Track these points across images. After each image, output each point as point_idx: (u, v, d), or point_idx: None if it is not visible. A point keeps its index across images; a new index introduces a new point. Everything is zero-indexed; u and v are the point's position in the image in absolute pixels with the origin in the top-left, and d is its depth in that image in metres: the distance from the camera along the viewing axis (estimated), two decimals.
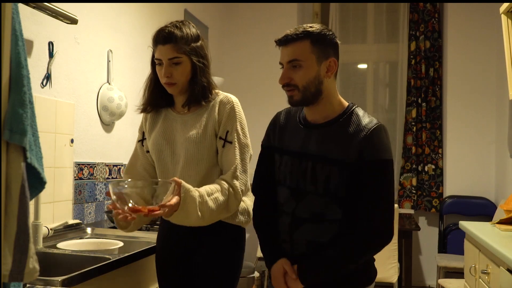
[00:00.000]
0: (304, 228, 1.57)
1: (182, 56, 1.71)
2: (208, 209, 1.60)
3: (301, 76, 1.54)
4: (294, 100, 1.57)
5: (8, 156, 0.92)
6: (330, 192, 1.53)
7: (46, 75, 2.20)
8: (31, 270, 0.95)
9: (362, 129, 1.53)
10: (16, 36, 0.94)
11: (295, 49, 1.55)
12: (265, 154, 1.74)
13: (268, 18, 4.73)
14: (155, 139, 1.82)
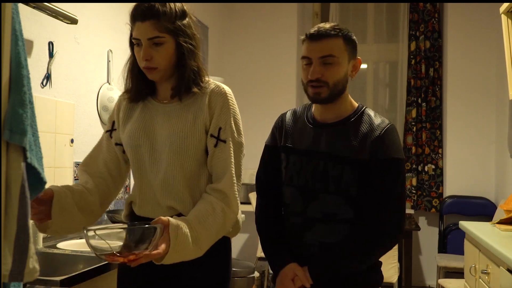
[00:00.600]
0: (316, 228, 1.56)
1: (165, 36, 1.45)
2: (205, 238, 1.38)
3: (333, 72, 1.53)
4: (321, 97, 1.54)
5: (8, 156, 0.92)
6: (342, 191, 1.54)
7: (46, 75, 2.20)
8: (31, 270, 0.95)
9: (375, 128, 1.54)
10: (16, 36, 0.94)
11: (331, 45, 1.52)
12: (271, 154, 1.70)
13: (268, 18, 4.73)
14: (131, 132, 1.54)
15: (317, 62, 1.52)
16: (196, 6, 4.00)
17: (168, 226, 1.28)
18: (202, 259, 1.40)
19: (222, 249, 1.54)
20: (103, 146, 1.62)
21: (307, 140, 1.61)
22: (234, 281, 3.32)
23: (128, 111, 1.59)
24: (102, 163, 1.58)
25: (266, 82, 4.72)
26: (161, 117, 1.52)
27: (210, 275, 1.52)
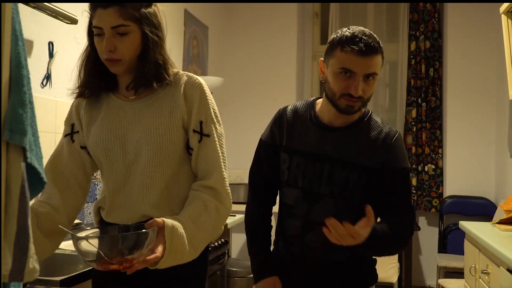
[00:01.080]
0: (317, 231, 1.51)
1: (130, 24, 1.32)
2: (200, 239, 1.30)
3: (371, 89, 1.53)
4: (354, 110, 1.50)
5: (8, 156, 0.92)
6: (346, 196, 1.53)
7: (46, 75, 2.20)
8: (31, 270, 0.95)
9: (385, 136, 1.54)
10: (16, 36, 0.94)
11: (376, 62, 1.49)
12: (268, 151, 1.65)
13: (268, 18, 4.73)
14: (98, 136, 1.41)
15: (361, 78, 1.47)
16: (196, 6, 4.01)
17: (163, 227, 1.21)
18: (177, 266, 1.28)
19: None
20: (64, 153, 1.47)
21: (311, 141, 1.57)
22: (234, 281, 3.32)
23: (90, 112, 1.45)
24: (68, 172, 1.43)
25: (266, 82, 4.72)
26: (130, 116, 1.40)
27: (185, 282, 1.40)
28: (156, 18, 1.38)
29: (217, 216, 1.33)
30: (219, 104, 4.62)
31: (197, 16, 4.01)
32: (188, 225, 1.27)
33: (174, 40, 3.61)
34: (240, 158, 4.44)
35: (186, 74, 1.44)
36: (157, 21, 1.38)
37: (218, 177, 1.36)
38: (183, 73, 1.44)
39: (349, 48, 1.45)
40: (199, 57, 4.08)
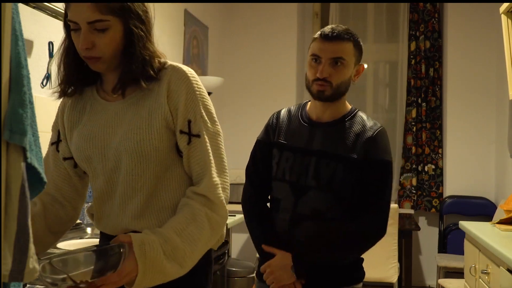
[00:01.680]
0: (304, 226, 1.61)
1: (110, 19, 1.16)
2: (188, 252, 1.16)
3: (340, 74, 1.60)
4: (324, 95, 1.61)
5: (8, 156, 0.92)
6: (333, 189, 1.59)
7: (46, 75, 2.20)
8: (31, 270, 0.95)
9: (368, 130, 1.62)
10: (16, 36, 0.94)
11: (342, 48, 1.59)
12: (263, 150, 1.74)
13: (268, 18, 4.73)
14: (78, 143, 1.28)
15: (327, 62, 1.58)
16: (196, 6, 4.01)
17: (131, 244, 1.10)
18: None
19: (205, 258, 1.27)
20: (49, 162, 1.36)
21: (301, 138, 1.66)
22: (234, 281, 3.32)
23: (73, 115, 1.32)
24: (52, 184, 1.32)
25: (266, 82, 4.72)
26: (111, 119, 1.26)
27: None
28: (141, 6, 1.22)
29: (208, 226, 1.18)
30: (219, 104, 4.64)
31: (197, 16, 4.01)
32: (169, 238, 1.14)
33: (174, 40, 3.61)
34: (240, 158, 4.43)
35: (172, 66, 1.25)
36: (142, 9, 1.22)
37: (207, 184, 1.20)
38: (169, 64, 1.26)
39: (317, 36, 1.61)
40: (199, 57, 4.08)
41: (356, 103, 4.91)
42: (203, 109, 1.24)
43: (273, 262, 1.62)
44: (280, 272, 1.60)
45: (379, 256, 3.37)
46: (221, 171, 1.24)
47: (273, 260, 1.62)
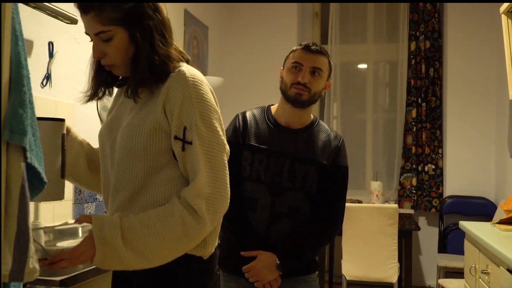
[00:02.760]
0: (282, 221, 1.77)
1: (111, 29, 1.22)
2: (152, 245, 1.15)
3: (318, 83, 1.79)
4: (301, 98, 1.77)
5: (8, 156, 0.92)
6: (305, 188, 1.79)
7: (46, 75, 2.20)
8: (31, 270, 0.95)
9: (333, 139, 1.86)
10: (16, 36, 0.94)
11: (322, 60, 1.79)
12: (232, 150, 1.74)
13: (268, 18, 4.73)
14: (100, 130, 1.40)
15: (308, 70, 1.77)
16: (196, 6, 4.01)
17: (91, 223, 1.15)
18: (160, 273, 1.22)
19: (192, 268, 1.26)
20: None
21: (272, 141, 1.81)
22: None
23: (113, 104, 1.47)
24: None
25: (266, 82, 4.71)
26: (126, 114, 1.33)
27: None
28: (147, 9, 1.24)
29: (181, 228, 1.16)
30: (219, 104, 4.62)
31: (197, 16, 4.01)
32: (133, 227, 1.15)
33: (174, 40, 3.60)
34: None
35: (178, 71, 1.25)
36: (150, 13, 1.24)
37: (191, 190, 1.19)
38: (178, 69, 1.27)
39: (298, 47, 1.83)
40: (199, 57, 4.08)
41: (356, 103, 4.92)
42: (200, 117, 1.21)
43: (257, 263, 1.73)
44: (265, 271, 1.73)
45: (379, 256, 3.38)
46: (212, 181, 1.20)
47: (256, 261, 1.74)
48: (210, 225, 1.20)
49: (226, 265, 1.85)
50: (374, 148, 4.81)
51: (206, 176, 1.20)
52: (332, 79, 4.77)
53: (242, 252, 1.76)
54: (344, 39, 4.85)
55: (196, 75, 1.25)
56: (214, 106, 1.25)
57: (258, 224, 1.78)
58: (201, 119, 1.22)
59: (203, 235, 1.22)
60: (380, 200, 4.32)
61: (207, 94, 1.25)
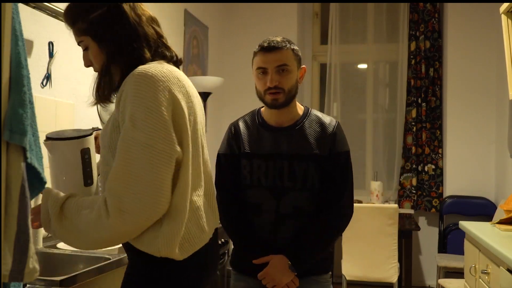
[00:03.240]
0: (287, 223, 1.74)
1: (84, 39, 1.29)
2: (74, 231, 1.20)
3: (288, 79, 1.72)
4: (278, 102, 1.72)
5: (8, 156, 0.92)
6: (307, 186, 1.74)
7: (46, 75, 2.20)
8: (31, 270, 0.95)
9: (327, 126, 1.78)
10: (16, 36, 0.94)
11: (284, 55, 1.72)
12: (228, 161, 1.81)
13: (268, 18, 4.73)
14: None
15: (273, 71, 1.71)
16: (196, 6, 4.01)
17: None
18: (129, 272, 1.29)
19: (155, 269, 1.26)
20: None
21: (267, 144, 1.78)
22: None
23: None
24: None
25: None
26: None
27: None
28: (112, 17, 1.27)
29: (95, 220, 1.18)
30: (219, 104, 4.64)
31: (197, 16, 4.01)
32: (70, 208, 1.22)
33: (174, 40, 3.61)
34: None
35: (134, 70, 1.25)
36: (117, 20, 1.27)
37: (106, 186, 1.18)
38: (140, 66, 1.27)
39: (257, 50, 1.75)
40: (199, 57, 4.08)
41: (356, 103, 4.92)
42: (129, 114, 1.18)
43: (270, 268, 1.70)
44: (279, 275, 1.69)
45: (379, 256, 3.38)
46: (123, 179, 1.16)
47: (269, 266, 1.71)
48: (120, 223, 1.15)
49: (236, 264, 1.87)
50: (374, 148, 4.81)
51: (117, 173, 1.16)
52: (332, 79, 4.77)
53: (254, 261, 1.73)
54: (344, 39, 4.85)
55: (144, 72, 1.21)
56: (149, 104, 1.18)
57: (264, 228, 1.76)
58: (129, 116, 1.18)
59: (116, 232, 1.17)
60: (380, 200, 4.32)
61: (147, 91, 1.19)
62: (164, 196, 1.17)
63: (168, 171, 1.18)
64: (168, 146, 1.18)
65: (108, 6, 1.27)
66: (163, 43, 1.36)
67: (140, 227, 1.19)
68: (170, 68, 1.28)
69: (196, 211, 1.30)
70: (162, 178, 1.16)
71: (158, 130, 1.17)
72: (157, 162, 1.16)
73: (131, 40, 1.28)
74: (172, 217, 1.22)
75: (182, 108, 1.24)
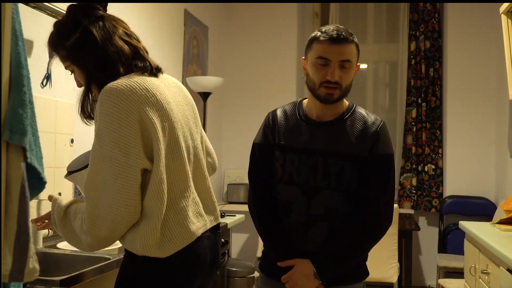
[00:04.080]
0: (318, 225, 1.62)
1: (67, 64, 1.41)
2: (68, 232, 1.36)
3: (348, 76, 1.63)
4: (333, 98, 1.62)
5: (8, 156, 0.92)
6: (343, 186, 1.61)
7: (46, 75, 2.20)
8: (31, 270, 0.95)
9: (371, 125, 1.64)
10: (16, 36, 0.94)
11: (349, 50, 1.60)
12: (263, 152, 1.72)
13: (268, 18, 4.73)
14: None
15: (336, 65, 1.58)
16: (196, 6, 4.01)
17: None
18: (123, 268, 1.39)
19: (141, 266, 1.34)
20: None
21: (303, 138, 1.66)
22: (234, 281, 3.32)
23: None
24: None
25: (266, 82, 4.72)
26: None
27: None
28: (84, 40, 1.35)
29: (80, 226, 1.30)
30: (219, 104, 4.64)
31: (197, 16, 4.01)
32: (70, 212, 1.35)
33: (174, 40, 3.61)
34: (239, 158, 4.44)
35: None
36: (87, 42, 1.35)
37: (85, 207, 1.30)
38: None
39: (322, 38, 1.59)
40: (199, 57, 4.08)
41: (356, 103, 4.89)
42: (97, 129, 1.28)
43: (294, 272, 1.61)
44: (303, 280, 1.59)
45: (379, 256, 3.37)
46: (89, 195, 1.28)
47: (293, 270, 1.61)
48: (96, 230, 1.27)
49: (264, 267, 1.76)
50: None
51: (88, 183, 1.28)
52: None
53: (279, 263, 1.64)
54: None
55: (109, 88, 1.28)
56: (111, 119, 1.25)
57: (293, 230, 1.65)
58: (96, 131, 1.28)
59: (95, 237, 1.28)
60: None
61: (110, 107, 1.26)
62: (131, 202, 1.26)
63: (131, 180, 1.25)
64: (129, 158, 1.25)
65: (80, 31, 1.35)
66: (139, 55, 1.41)
67: (115, 231, 1.28)
68: (139, 80, 1.33)
69: (180, 212, 1.35)
70: (127, 186, 1.25)
71: (120, 144, 1.25)
72: (120, 173, 1.24)
73: (102, 59, 1.35)
74: (147, 219, 1.30)
75: (151, 118, 1.29)
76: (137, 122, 1.27)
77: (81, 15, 1.36)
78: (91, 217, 1.26)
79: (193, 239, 1.37)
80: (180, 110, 1.44)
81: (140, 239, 1.29)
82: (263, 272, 1.75)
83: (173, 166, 1.35)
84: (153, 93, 1.33)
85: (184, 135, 1.42)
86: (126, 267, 1.38)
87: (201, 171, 1.49)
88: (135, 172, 1.26)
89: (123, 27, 1.43)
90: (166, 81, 1.46)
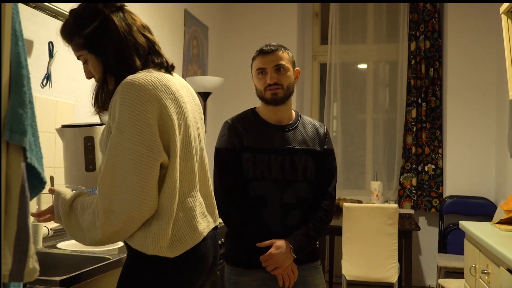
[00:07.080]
0: (292, 213, 1.90)
1: (82, 53, 1.39)
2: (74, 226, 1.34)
3: (286, 77, 1.92)
4: (278, 97, 1.90)
5: (8, 156, 0.92)
6: (307, 177, 1.94)
7: (46, 75, 2.20)
8: (31, 270, 0.95)
9: (319, 127, 2.04)
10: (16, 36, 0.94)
11: (280, 56, 1.92)
12: (230, 155, 1.91)
13: (268, 18, 4.73)
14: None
15: (272, 70, 1.90)
16: (196, 6, 4.01)
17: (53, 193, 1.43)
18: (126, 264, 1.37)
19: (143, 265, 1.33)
20: None
21: (268, 139, 1.93)
22: None
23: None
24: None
25: None
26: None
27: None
28: (104, 29, 1.35)
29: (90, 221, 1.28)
30: (219, 104, 4.64)
31: (197, 16, 4.01)
32: (77, 207, 1.34)
33: (174, 40, 3.61)
34: None
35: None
36: (107, 32, 1.35)
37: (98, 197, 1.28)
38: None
39: (256, 54, 1.96)
40: (199, 57, 4.08)
41: (356, 103, 4.92)
42: (118, 121, 1.26)
43: (273, 250, 1.83)
44: (282, 257, 1.82)
45: (379, 256, 3.38)
46: (110, 182, 1.25)
47: (272, 249, 1.83)
48: (109, 225, 1.25)
49: (232, 259, 1.93)
50: (374, 148, 4.81)
51: (105, 177, 1.25)
52: (332, 79, 4.77)
53: (258, 244, 1.84)
54: (344, 39, 4.85)
55: (131, 81, 1.28)
56: (134, 112, 1.25)
57: (271, 220, 1.89)
58: (117, 124, 1.26)
59: (106, 233, 1.26)
60: (380, 200, 4.32)
61: (132, 100, 1.26)
62: (149, 198, 1.25)
63: (152, 174, 1.25)
64: (152, 151, 1.25)
65: (99, 20, 1.36)
66: (154, 50, 1.43)
67: (128, 227, 1.27)
68: (158, 76, 1.34)
69: (189, 211, 1.35)
70: (146, 181, 1.24)
71: (142, 137, 1.24)
72: (141, 167, 1.23)
73: (121, 50, 1.36)
74: (160, 218, 1.29)
75: (170, 114, 1.30)
76: (156, 117, 1.27)
77: (102, 5, 1.37)
78: (106, 212, 1.24)
79: (201, 239, 1.37)
80: (191, 110, 1.45)
81: (152, 238, 1.27)
82: (231, 263, 1.92)
83: (184, 164, 1.36)
84: (171, 90, 1.34)
85: (194, 135, 1.43)
86: (131, 267, 1.35)
87: (205, 173, 1.51)
88: (156, 166, 1.25)
89: (140, 21, 1.46)
90: (178, 79, 1.47)
